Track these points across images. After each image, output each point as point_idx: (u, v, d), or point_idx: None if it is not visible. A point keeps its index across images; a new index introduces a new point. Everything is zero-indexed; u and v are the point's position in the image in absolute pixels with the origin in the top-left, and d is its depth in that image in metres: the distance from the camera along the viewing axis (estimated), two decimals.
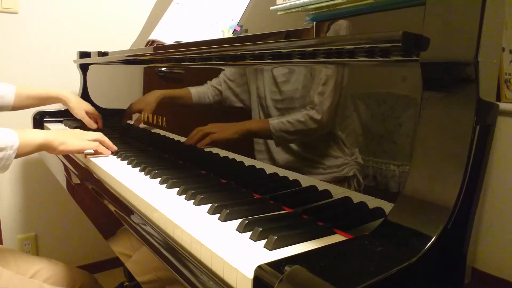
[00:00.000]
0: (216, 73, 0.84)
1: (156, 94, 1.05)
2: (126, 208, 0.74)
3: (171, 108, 1.06)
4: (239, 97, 0.75)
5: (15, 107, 1.32)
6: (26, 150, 0.87)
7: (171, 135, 1.02)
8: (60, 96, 1.35)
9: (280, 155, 0.68)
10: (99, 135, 1.03)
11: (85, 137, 1.00)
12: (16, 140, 0.84)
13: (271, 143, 0.70)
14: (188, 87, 0.82)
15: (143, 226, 0.65)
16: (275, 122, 0.69)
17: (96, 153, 1.02)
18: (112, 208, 0.78)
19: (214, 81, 0.79)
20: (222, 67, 0.82)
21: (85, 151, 1.02)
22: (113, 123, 1.43)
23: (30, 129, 0.97)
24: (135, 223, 0.67)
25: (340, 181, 0.58)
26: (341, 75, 0.58)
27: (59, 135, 0.94)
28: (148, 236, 0.62)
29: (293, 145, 0.66)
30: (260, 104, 0.72)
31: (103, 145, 1.02)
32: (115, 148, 1.05)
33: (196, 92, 0.80)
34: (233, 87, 0.75)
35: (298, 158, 0.65)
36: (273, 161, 0.70)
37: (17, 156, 0.85)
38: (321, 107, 0.60)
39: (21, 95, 1.31)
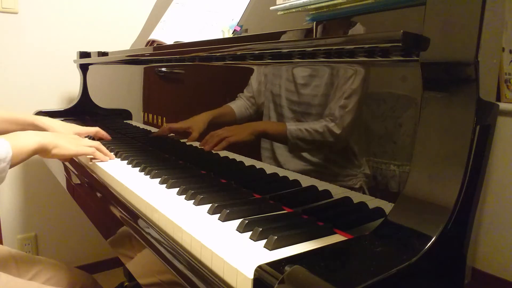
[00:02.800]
0: (238, 78, 0.82)
1: (204, 117, 0.92)
2: (126, 208, 0.74)
3: (171, 107, 1.06)
4: (268, 99, 0.73)
5: None
6: (20, 158, 0.83)
7: (171, 135, 1.02)
8: (36, 123, 1.13)
9: (284, 157, 0.68)
10: (96, 143, 0.98)
11: (80, 142, 0.96)
12: (10, 150, 0.79)
13: (273, 144, 0.70)
14: (229, 104, 0.79)
15: (143, 226, 0.65)
16: (293, 128, 0.66)
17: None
18: (112, 208, 0.78)
19: (245, 92, 0.77)
20: (251, 65, 0.81)
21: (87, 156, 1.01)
22: (113, 123, 1.43)
23: (22, 133, 0.91)
24: (134, 223, 0.67)
25: (341, 176, 0.57)
26: (365, 86, 0.56)
27: (53, 138, 0.90)
28: (147, 236, 0.62)
29: (319, 148, 0.64)
30: (274, 102, 0.70)
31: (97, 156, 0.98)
32: (113, 157, 1.01)
33: (236, 107, 0.78)
34: (263, 90, 0.73)
35: (303, 163, 0.65)
36: (275, 163, 0.70)
37: (11, 166, 0.81)
38: (342, 122, 0.58)
39: None
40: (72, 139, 0.95)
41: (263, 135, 0.74)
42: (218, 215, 0.61)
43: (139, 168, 0.90)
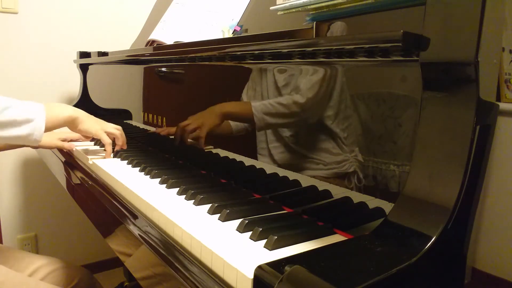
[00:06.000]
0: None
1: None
2: (126, 208, 0.74)
3: (171, 107, 1.06)
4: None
5: None
6: (51, 124, 0.90)
7: (171, 136, 1.02)
8: None
9: (280, 154, 0.68)
10: (117, 131, 1.03)
11: (105, 126, 1.02)
12: (43, 112, 0.86)
13: (271, 141, 0.70)
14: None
15: (143, 226, 0.65)
16: (257, 104, 0.70)
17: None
18: (112, 208, 0.78)
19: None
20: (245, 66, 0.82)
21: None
22: (113, 123, 1.43)
23: (55, 103, 0.99)
24: (135, 223, 0.67)
25: (340, 177, 0.58)
26: (332, 70, 0.58)
27: (83, 114, 0.98)
28: (147, 236, 0.62)
29: (292, 145, 0.66)
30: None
31: (118, 142, 1.04)
32: (124, 146, 1.06)
33: (233, 122, 0.80)
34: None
35: (298, 156, 0.65)
36: (273, 161, 0.70)
37: (46, 131, 0.87)
38: (306, 93, 0.61)
39: None
40: (98, 121, 1.02)
41: (230, 116, 0.76)
42: (218, 215, 0.61)
43: (139, 168, 0.90)
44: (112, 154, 1.02)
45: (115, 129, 1.03)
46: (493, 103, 0.43)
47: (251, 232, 0.54)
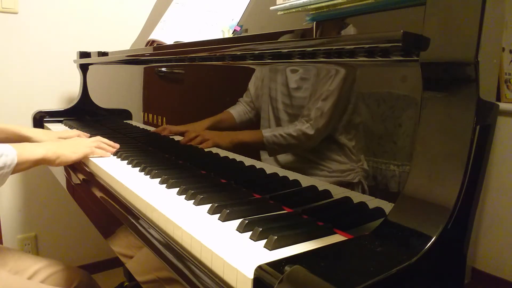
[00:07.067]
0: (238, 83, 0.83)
1: (205, 124, 0.94)
2: (126, 208, 0.74)
3: (171, 107, 1.06)
4: (266, 102, 0.75)
5: None
6: (23, 167, 0.89)
7: (171, 135, 1.02)
8: (21, 133, 1.16)
9: (282, 156, 0.68)
10: (96, 142, 1.04)
11: (84, 144, 1.02)
12: (15, 158, 0.85)
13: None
14: (228, 110, 0.82)
15: (143, 226, 0.65)
16: (269, 135, 0.71)
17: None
18: (112, 208, 0.78)
19: (244, 97, 0.79)
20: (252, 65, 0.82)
21: None
22: (113, 123, 1.43)
23: (30, 144, 0.98)
24: (135, 223, 0.67)
25: (344, 185, 0.57)
26: (344, 88, 0.57)
27: (57, 148, 0.96)
28: (148, 236, 0.62)
29: (296, 150, 0.66)
30: (271, 105, 0.72)
31: (101, 148, 1.04)
32: (117, 146, 1.06)
33: (236, 112, 0.81)
34: (259, 93, 0.75)
35: (302, 160, 0.65)
36: (275, 162, 0.70)
37: (13, 173, 0.86)
38: (316, 123, 0.61)
39: None
40: (73, 145, 1.01)
41: (242, 144, 0.78)
42: (218, 215, 0.61)
43: (139, 168, 0.90)
44: (108, 153, 1.04)
45: (93, 141, 1.04)
46: (493, 103, 0.43)
47: (251, 232, 0.54)
